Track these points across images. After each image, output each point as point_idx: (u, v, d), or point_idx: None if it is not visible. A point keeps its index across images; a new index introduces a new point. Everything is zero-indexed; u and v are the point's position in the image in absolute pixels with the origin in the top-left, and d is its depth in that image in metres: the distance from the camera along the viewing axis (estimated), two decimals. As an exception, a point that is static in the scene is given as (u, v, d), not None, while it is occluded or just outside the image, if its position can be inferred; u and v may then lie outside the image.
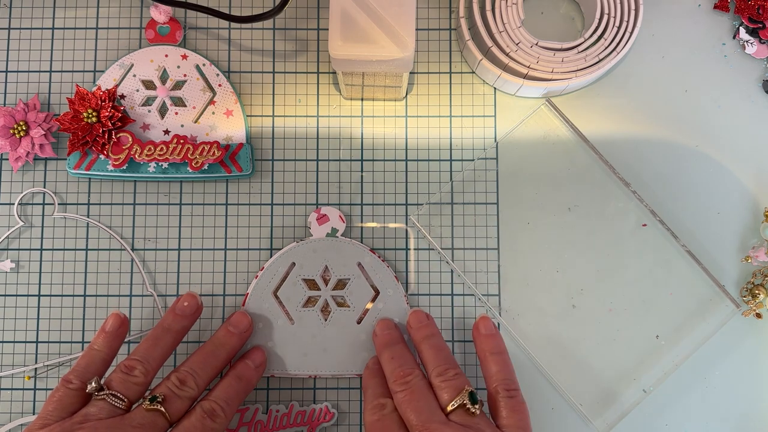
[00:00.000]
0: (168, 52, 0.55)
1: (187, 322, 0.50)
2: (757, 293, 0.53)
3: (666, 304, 0.54)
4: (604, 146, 0.55)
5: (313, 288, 0.53)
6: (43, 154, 0.54)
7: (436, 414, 0.45)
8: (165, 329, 0.49)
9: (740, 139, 0.56)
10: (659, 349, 0.53)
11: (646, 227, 0.55)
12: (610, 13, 0.53)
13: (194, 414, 0.46)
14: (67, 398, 0.45)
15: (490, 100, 0.56)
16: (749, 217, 0.55)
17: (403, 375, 0.47)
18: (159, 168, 0.54)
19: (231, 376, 0.49)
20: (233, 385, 0.49)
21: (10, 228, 0.55)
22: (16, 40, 0.57)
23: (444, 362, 0.47)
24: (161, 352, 0.48)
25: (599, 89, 0.56)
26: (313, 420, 0.52)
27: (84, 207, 0.55)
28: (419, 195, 0.56)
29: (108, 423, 0.43)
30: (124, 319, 0.49)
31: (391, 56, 0.45)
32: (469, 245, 0.55)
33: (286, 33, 0.57)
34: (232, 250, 0.55)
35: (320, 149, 0.56)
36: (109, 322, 0.49)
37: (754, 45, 0.56)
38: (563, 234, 0.55)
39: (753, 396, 0.54)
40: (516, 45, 0.53)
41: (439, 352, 0.48)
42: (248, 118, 0.56)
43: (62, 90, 0.56)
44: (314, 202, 0.55)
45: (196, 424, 0.45)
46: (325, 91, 0.56)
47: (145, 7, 0.57)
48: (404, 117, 0.56)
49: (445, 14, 0.57)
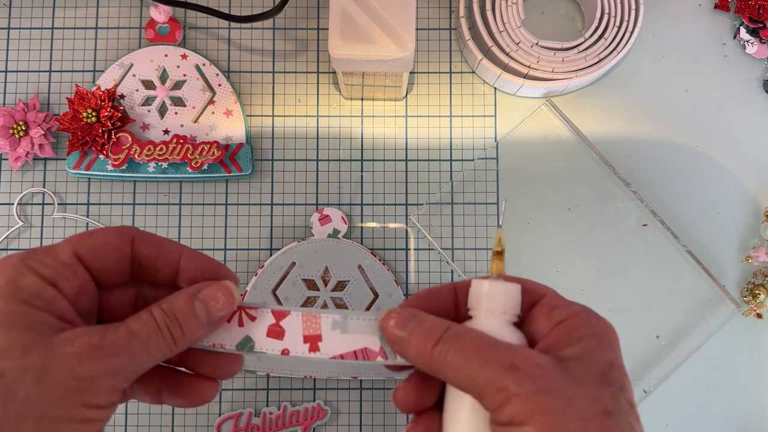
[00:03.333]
0: (168, 52, 0.55)
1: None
2: (758, 293, 0.53)
3: (666, 304, 0.54)
4: (604, 146, 0.55)
5: (312, 288, 0.53)
6: (42, 154, 0.54)
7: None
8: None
9: (740, 138, 0.56)
10: (659, 349, 0.53)
11: (647, 227, 0.55)
12: (610, 12, 0.53)
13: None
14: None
15: (491, 100, 0.56)
16: (749, 217, 0.55)
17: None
18: (158, 168, 0.54)
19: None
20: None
21: (10, 228, 0.55)
22: (16, 39, 0.57)
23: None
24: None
25: (599, 89, 0.56)
26: (306, 419, 0.52)
27: (83, 207, 0.55)
28: (419, 195, 0.55)
29: None
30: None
31: (391, 56, 0.45)
32: (469, 245, 0.55)
33: (286, 33, 0.57)
34: (231, 251, 0.55)
35: (320, 149, 0.56)
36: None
37: (754, 45, 0.56)
38: (563, 234, 0.55)
39: (753, 396, 0.54)
40: (516, 45, 0.53)
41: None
42: (248, 118, 0.56)
43: (62, 90, 0.56)
44: (314, 202, 0.55)
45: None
46: (325, 90, 0.56)
47: (144, 6, 0.57)
48: (404, 117, 0.56)
49: (445, 14, 0.57)
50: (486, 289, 0.32)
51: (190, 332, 0.32)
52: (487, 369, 0.29)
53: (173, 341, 0.31)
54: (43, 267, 0.30)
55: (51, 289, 0.30)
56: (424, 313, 0.32)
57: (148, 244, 0.33)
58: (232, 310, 0.33)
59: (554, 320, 0.31)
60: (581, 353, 0.30)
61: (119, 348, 0.30)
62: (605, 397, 0.28)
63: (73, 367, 0.28)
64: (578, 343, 0.30)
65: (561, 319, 0.31)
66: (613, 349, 0.30)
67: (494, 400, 0.28)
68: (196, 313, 0.32)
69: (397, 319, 0.32)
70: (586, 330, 0.30)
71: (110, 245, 0.32)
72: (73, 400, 0.28)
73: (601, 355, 0.30)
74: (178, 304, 0.32)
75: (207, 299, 0.32)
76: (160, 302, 0.32)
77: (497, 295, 0.32)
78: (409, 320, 0.32)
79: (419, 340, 0.31)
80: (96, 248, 0.32)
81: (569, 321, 0.31)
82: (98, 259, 0.32)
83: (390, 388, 0.54)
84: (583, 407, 0.28)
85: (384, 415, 0.54)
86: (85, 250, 0.32)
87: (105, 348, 0.29)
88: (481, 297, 0.32)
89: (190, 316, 0.32)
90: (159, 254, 0.34)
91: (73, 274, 0.31)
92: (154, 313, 0.31)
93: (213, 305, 0.32)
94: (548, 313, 0.32)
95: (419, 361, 0.31)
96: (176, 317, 0.31)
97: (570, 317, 0.31)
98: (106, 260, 0.32)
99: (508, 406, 0.28)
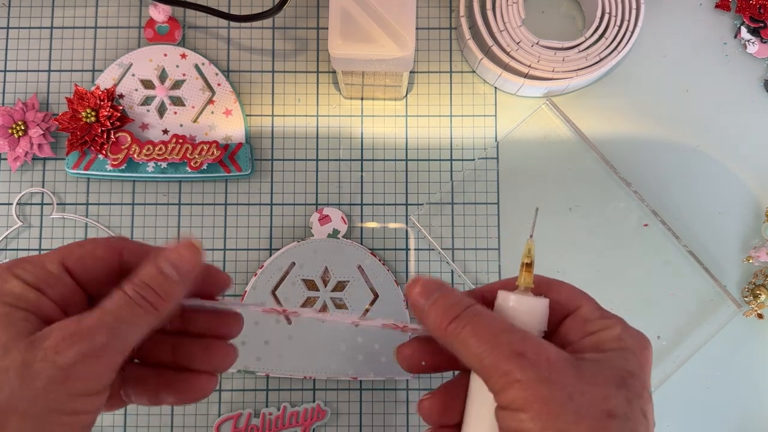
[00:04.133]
0: (167, 52, 0.55)
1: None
2: (759, 293, 0.53)
3: (667, 304, 0.54)
4: (605, 146, 0.55)
5: (312, 288, 0.53)
6: (41, 153, 0.54)
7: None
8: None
9: (741, 138, 0.56)
10: (660, 349, 0.53)
11: (648, 227, 0.54)
12: (611, 12, 0.53)
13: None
14: None
15: (491, 100, 0.56)
16: (750, 217, 0.55)
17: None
18: (158, 168, 0.54)
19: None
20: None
21: (9, 228, 0.55)
22: (15, 39, 0.56)
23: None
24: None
25: (600, 89, 0.56)
26: (306, 419, 0.52)
27: (83, 207, 0.55)
28: (419, 195, 0.55)
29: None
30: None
31: (391, 55, 0.45)
32: (469, 245, 0.55)
33: (286, 32, 0.57)
34: (231, 251, 0.55)
35: (320, 149, 0.56)
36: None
37: (755, 44, 0.56)
38: (564, 234, 0.54)
39: (754, 396, 0.54)
40: (517, 44, 0.53)
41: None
42: (247, 118, 0.55)
43: (61, 89, 0.56)
44: (314, 202, 0.55)
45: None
46: (325, 90, 0.56)
47: (144, 6, 0.57)
48: (404, 117, 0.56)
49: (445, 13, 0.57)
50: (511, 304, 0.32)
51: (166, 293, 0.32)
52: (496, 352, 0.29)
53: (152, 306, 0.31)
54: (28, 274, 0.31)
55: (34, 293, 0.30)
56: (449, 287, 0.32)
57: (137, 256, 0.33)
58: (200, 262, 0.33)
59: (586, 332, 0.31)
60: (601, 359, 0.30)
61: (95, 329, 0.30)
62: (615, 399, 0.28)
63: (52, 358, 0.28)
64: (602, 352, 0.30)
65: (592, 332, 0.31)
66: (638, 363, 0.30)
67: (498, 382, 0.29)
68: (165, 272, 0.32)
69: (423, 288, 0.32)
70: (615, 344, 0.30)
71: (98, 257, 0.33)
72: (59, 391, 0.28)
73: (623, 363, 0.30)
74: (144, 272, 0.32)
75: (170, 257, 0.32)
76: (128, 277, 0.32)
77: (522, 313, 0.31)
78: (434, 291, 0.32)
79: (439, 312, 0.31)
80: (84, 259, 0.32)
81: (599, 334, 0.31)
82: (86, 270, 0.32)
83: (390, 388, 0.54)
84: (583, 404, 0.28)
85: (384, 415, 0.53)
86: (72, 260, 0.32)
87: (83, 334, 0.29)
88: (507, 312, 0.32)
89: (160, 279, 0.32)
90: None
91: (59, 282, 0.31)
92: (124, 288, 0.31)
93: (180, 261, 0.32)
94: (581, 326, 0.32)
95: (435, 332, 0.32)
96: (146, 284, 0.32)
97: (602, 330, 0.31)
98: (94, 272, 0.33)
99: (509, 390, 0.28)
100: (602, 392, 0.28)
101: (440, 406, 0.33)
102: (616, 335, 0.31)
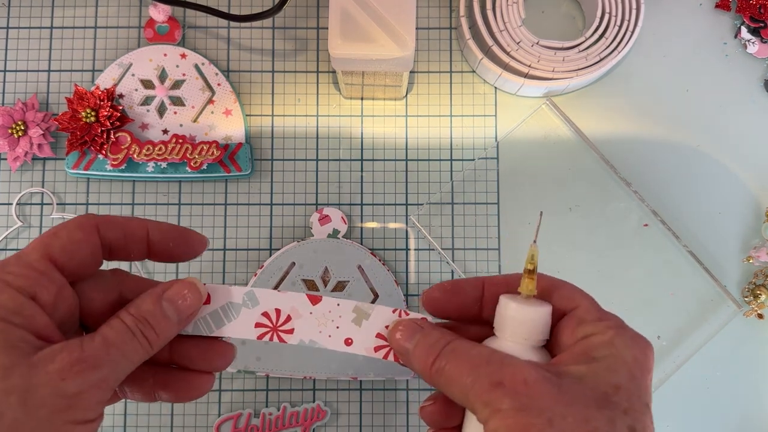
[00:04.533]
0: (167, 52, 0.55)
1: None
2: (759, 293, 0.53)
3: (667, 304, 0.54)
4: (605, 146, 0.55)
5: (312, 288, 0.53)
6: (41, 153, 0.54)
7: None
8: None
9: (742, 138, 0.56)
10: (660, 349, 0.53)
11: (648, 227, 0.54)
12: (611, 12, 0.53)
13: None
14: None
15: (491, 100, 0.56)
16: (751, 217, 0.55)
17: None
18: (158, 168, 0.54)
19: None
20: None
21: (9, 228, 0.55)
22: (15, 39, 0.56)
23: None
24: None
25: (600, 89, 0.56)
26: (306, 419, 0.52)
27: (83, 207, 0.55)
28: (419, 195, 0.55)
29: None
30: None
31: (391, 55, 0.45)
32: (469, 245, 0.55)
33: (286, 32, 0.57)
34: (231, 251, 0.55)
35: (320, 149, 0.56)
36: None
37: (755, 44, 0.56)
38: (564, 234, 0.54)
39: (754, 397, 0.54)
40: (517, 44, 0.53)
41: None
42: (247, 118, 0.55)
43: (61, 89, 0.56)
44: (314, 202, 0.55)
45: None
46: (325, 90, 0.56)
47: (144, 6, 0.57)
48: (404, 117, 0.56)
49: (445, 13, 0.57)
50: (512, 313, 0.31)
51: (163, 333, 0.32)
52: (477, 386, 0.29)
53: (149, 344, 0.31)
54: (18, 279, 0.30)
55: (30, 303, 0.29)
56: (429, 326, 0.32)
57: (113, 228, 0.32)
58: (200, 305, 0.33)
59: (578, 335, 0.30)
60: (585, 373, 0.29)
61: (100, 359, 0.29)
62: (597, 420, 0.28)
63: (57, 384, 0.28)
64: (588, 362, 0.29)
65: (585, 335, 0.30)
66: (628, 373, 0.29)
67: (482, 414, 0.29)
68: (166, 313, 0.32)
69: (404, 332, 0.32)
70: (606, 350, 0.29)
71: (78, 240, 0.32)
72: (61, 419, 0.28)
73: (608, 377, 0.29)
74: (146, 307, 0.32)
75: (174, 298, 0.32)
76: (128, 307, 0.31)
77: (523, 322, 0.31)
78: (415, 333, 0.32)
79: (422, 353, 0.31)
80: (66, 248, 0.31)
81: (591, 338, 0.30)
82: (71, 257, 0.31)
83: (390, 388, 0.54)
84: (564, 428, 0.27)
85: (384, 415, 0.53)
86: (56, 252, 0.31)
87: (86, 361, 0.29)
88: (506, 321, 0.31)
89: (160, 318, 0.32)
90: (126, 234, 0.33)
91: (49, 281, 0.30)
92: (125, 319, 0.31)
93: (181, 303, 0.32)
94: (574, 327, 0.31)
95: (422, 374, 0.31)
96: (147, 320, 0.31)
97: (595, 334, 0.30)
98: (79, 256, 0.32)
99: (492, 420, 0.28)
100: (583, 414, 0.27)
101: (442, 411, 0.33)
102: (607, 340, 0.29)
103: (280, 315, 0.34)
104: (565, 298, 0.32)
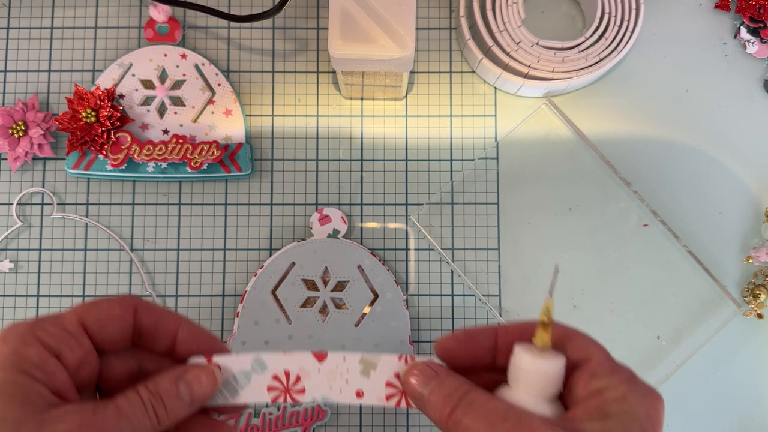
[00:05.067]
0: (167, 52, 0.55)
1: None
2: (759, 293, 0.53)
3: (667, 304, 0.54)
4: (605, 146, 0.55)
5: (312, 289, 0.53)
6: (41, 153, 0.54)
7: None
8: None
9: (741, 138, 0.56)
10: (660, 349, 0.53)
11: (648, 227, 0.54)
12: (611, 12, 0.53)
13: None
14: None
15: (491, 100, 0.56)
16: (750, 217, 0.55)
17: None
18: (158, 168, 0.54)
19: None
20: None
21: (9, 228, 0.55)
22: (15, 39, 0.56)
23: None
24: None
25: (600, 89, 0.56)
26: (306, 419, 0.52)
27: (83, 207, 0.55)
28: (419, 195, 0.55)
29: None
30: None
31: (391, 55, 0.45)
32: (469, 245, 0.55)
33: (286, 32, 0.57)
34: (231, 251, 0.55)
35: (320, 149, 0.56)
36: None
37: (755, 44, 0.56)
38: (564, 234, 0.54)
39: (754, 397, 0.54)
40: (516, 44, 0.53)
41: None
42: (247, 118, 0.55)
43: (61, 89, 0.56)
44: (314, 202, 0.55)
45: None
46: (325, 90, 0.56)
47: (144, 6, 0.57)
48: (404, 117, 0.56)
49: (445, 13, 0.57)
50: (526, 366, 0.31)
51: (173, 412, 0.33)
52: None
53: (157, 420, 0.32)
54: (49, 337, 0.31)
55: (53, 361, 0.31)
56: (445, 372, 0.33)
57: (149, 315, 0.34)
58: (214, 393, 0.34)
59: (591, 389, 0.30)
60: (601, 430, 0.29)
61: (108, 427, 0.30)
62: None
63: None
64: (603, 419, 0.29)
65: (598, 389, 0.30)
66: (640, 428, 0.29)
67: None
68: (180, 394, 0.33)
69: (419, 378, 0.32)
70: (619, 407, 0.30)
71: (115, 315, 0.33)
72: None
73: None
74: (163, 385, 0.33)
75: (191, 381, 0.33)
76: (146, 382, 0.33)
77: (538, 375, 0.31)
78: (431, 379, 0.32)
79: (439, 402, 0.31)
80: (101, 319, 0.33)
81: (605, 394, 0.30)
82: (103, 329, 0.33)
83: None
84: None
85: (384, 415, 0.53)
86: (91, 320, 0.33)
87: (94, 426, 0.30)
88: (521, 373, 0.31)
89: (173, 397, 0.33)
90: (159, 324, 0.34)
91: (77, 344, 0.32)
92: (140, 392, 0.32)
93: (197, 387, 0.33)
94: (588, 380, 0.31)
95: (437, 422, 0.32)
96: (161, 397, 0.32)
97: (608, 389, 0.30)
98: (111, 330, 0.33)
99: None
100: None
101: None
102: (620, 396, 0.30)
103: (290, 376, 0.34)
104: (578, 350, 0.32)
